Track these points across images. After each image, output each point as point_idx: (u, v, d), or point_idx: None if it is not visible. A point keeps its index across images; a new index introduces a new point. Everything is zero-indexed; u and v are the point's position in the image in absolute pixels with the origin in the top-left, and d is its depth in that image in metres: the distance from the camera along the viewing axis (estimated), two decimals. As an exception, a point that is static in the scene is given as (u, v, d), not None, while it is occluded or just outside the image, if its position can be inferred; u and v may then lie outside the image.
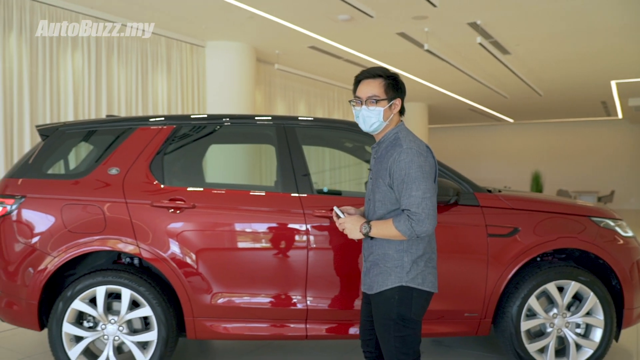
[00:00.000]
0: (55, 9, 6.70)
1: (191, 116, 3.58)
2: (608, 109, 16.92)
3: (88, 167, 3.34)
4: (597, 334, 3.37)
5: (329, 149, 8.34)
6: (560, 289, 3.37)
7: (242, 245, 3.23)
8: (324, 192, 3.51)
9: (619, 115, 18.07)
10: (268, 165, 7.26)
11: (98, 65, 7.32)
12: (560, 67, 10.88)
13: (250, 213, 3.24)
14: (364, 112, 2.30)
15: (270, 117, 3.55)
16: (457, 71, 10.49)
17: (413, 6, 7.04)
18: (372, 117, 2.29)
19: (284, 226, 3.23)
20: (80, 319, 3.17)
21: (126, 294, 3.12)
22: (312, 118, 3.65)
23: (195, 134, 3.52)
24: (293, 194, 3.25)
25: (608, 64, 10.54)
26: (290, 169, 3.31)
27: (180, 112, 8.55)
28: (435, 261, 2.35)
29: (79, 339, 3.13)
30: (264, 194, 3.40)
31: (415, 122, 16.29)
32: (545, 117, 19.54)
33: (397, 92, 2.31)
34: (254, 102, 9.49)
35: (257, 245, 3.24)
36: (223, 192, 3.38)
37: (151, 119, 3.47)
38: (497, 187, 4.26)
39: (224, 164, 6.44)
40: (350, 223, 2.30)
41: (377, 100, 2.27)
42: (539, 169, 17.22)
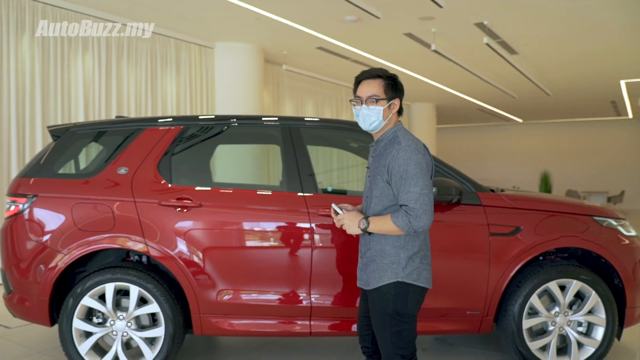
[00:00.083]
0: (60, 9, 6.76)
1: (198, 117, 3.64)
2: (618, 108, 16.82)
3: (98, 166, 3.43)
4: (599, 333, 3.40)
5: (334, 149, 8.41)
6: (562, 288, 3.40)
7: (247, 243, 3.29)
8: (328, 192, 3.55)
9: (629, 114, 17.95)
10: (275, 165, 7.33)
11: (108, 66, 7.43)
12: (569, 67, 10.85)
13: (255, 212, 3.30)
14: (364, 111, 2.36)
15: (275, 118, 3.62)
16: (465, 71, 10.50)
17: (419, 7, 7.07)
18: (372, 116, 2.35)
19: (289, 225, 3.28)
20: (89, 315, 3.26)
21: (134, 291, 3.19)
22: (318, 119, 3.71)
23: (202, 134, 3.59)
24: (298, 194, 3.31)
25: (617, 64, 10.49)
26: (295, 169, 3.37)
27: (189, 112, 8.63)
28: (429, 258, 2.40)
29: (88, 334, 3.21)
30: (269, 193, 3.46)
31: (424, 122, 16.26)
32: (554, 117, 19.45)
33: (396, 93, 2.38)
34: (262, 103, 9.52)
35: (262, 243, 3.30)
36: (229, 191, 3.44)
37: (159, 120, 3.55)
38: (505, 187, 4.29)
39: (230, 164, 6.51)
40: (348, 219, 2.36)
41: (377, 100, 2.34)
42: (548, 169, 17.14)
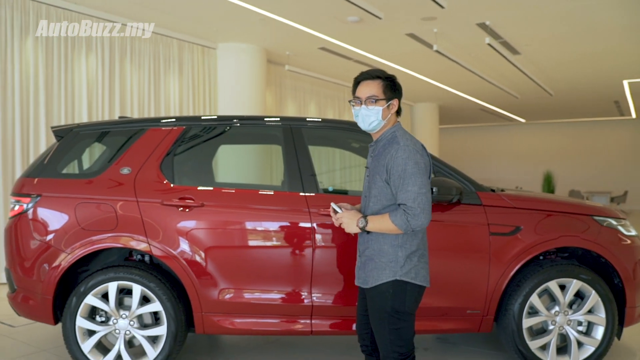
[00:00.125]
0: (63, 10, 6.81)
1: (200, 117, 3.67)
2: (621, 108, 16.79)
3: (101, 166, 3.46)
4: (599, 332, 3.41)
5: (335, 150, 8.42)
6: (562, 287, 3.41)
7: (248, 242, 3.32)
8: (329, 191, 3.58)
9: (633, 114, 17.91)
10: (277, 165, 7.35)
11: (111, 67, 7.47)
12: (571, 67, 10.85)
13: (257, 211, 3.32)
14: (363, 111, 2.39)
15: (277, 118, 3.64)
16: (467, 71, 10.51)
17: (421, 7, 7.09)
18: (371, 116, 2.37)
19: (290, 224, 3.31)
20: (92, 313, 3.29)
21: (137, 290, 3.22)
22: (320, 119, 3.73)
23: (204, 134, 3.61)
24: (299, 194, 3.33)
25: (619, 64, 10.48)
26: (296, 169, 3.39)
27: (191, 113, 8.66)
28: (427, 257, 2.42)
29: (91, 332, 3.24)
30: (270, 193, 3.49)
31: (426, 123, 16.25)
32: (558, 117, 19.43)
33: (394, 93, 2.41)
34: (265, 103, 9.55)
35: (264, 242, 3.32)
36: (230, 191, 3.46)
37: (162, 120, 3.58)
38: (508, 187, 4.30)
39: (232, 164, 6.54)
40: (347, 217, 2.38)
41: (376, 100, 2.37)
42: (551, 169, 17.12)
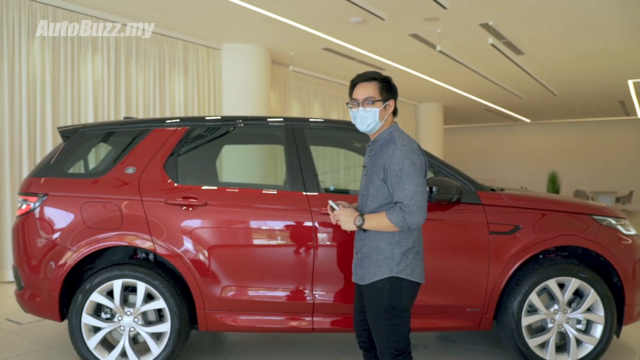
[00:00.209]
0: (69, 10, 6.90)
1: (204, 118, 3.72)
2: (627, 108, 16.75)
3: (106, 166, 3.52)
4: (598, 330, 3.44)
5: (337, 150, 8.46)
6: (562, 286, 3.44)
7: (251, 241, 3.37)
8: (330, 191, 3.62)
9: (638, 114, 17.84)
10: (280, 165, 7.40)
11: (117, 68, 7.55)
12: (575, 67, 10.84)
13: (259, 210, 3.37)
14: (360, 112, 2.44)
15: (279, 119, 3.69)
16: (471, 71, 10.54)
17: (424, 8, 7.12)
18: (369, 117, 2.42)
19: (292, 223, 3.36)
20: (98, 310, 3.35)
21: (141, 287, 3.28)
22: (322, 119, 3.78)
23: (207, 135, 3.67)
24: (301, 193, 3.38)
25: (623, 63, 10.47)
26: (298, 169, 3.44)
27: (196, 113, 8.72)
28: (422, 254, 2.47)
29: (96, 329, 3.30)
30: (272, 192, 3.54)
31: (431, 123, 16.25)
32: (563, 117, 19.39)
33: (390, 94, 2.46)
34: (269, 104, 9.60)
35: (266, 241, 3.37)
36: (233, 190, 3.51)
37: (166, 121, 3.64)
38: (513, 187, 4.33)
39: (235, 164, 6.59)
40: (344, 215, 2.43)
41: (373, 101, 2.41)
42: (556, 169, 17.08)
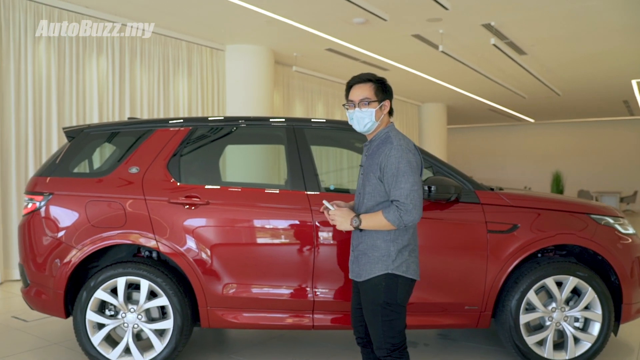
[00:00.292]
0: (74, 11, 6.95)
1: (206, 118, 3.78)
2: (631, 108, 16.71)
3: (111, 166, 3.58)
4: (596, 328, 3.47)
5: (337, 149, 8.50)
6: (559, 284, 3.48)
7: (252, 239, 3.42)
8: (331, 190, 3.67)
9: (643, 114, 17.83)
10: (282, 165, 7.45)
11: (122, 69, 7.62)
12: (578, 67, 10.84)
13: (260, 210, 3.43)
14: (357, 113, 2.48)
15: (280, 119, 3.74)
16: (474, 72, 10.55)
17: (426, 9, 7.15)
18: (365, 118, 2.47)
19: (293, 222, 3.41)
20: (102, 307, 3.41)
21: (145, 285, 3.34)
22: (324, 120, 3.83)
23: (209, 135, 3.72)
24: (302, 192, 3.43)
25: (626, 63, 10.46)
26: (299, 168, 3.49)
27: (200, 114, 8.78)
28: (417, 252, 2.51)
29: (101, 326, 3.36)
30: (273, 191, 3.59)
31: (434, 123, 16.25)
32: (567, 116, 19.36)
33: (385, 94, 2.51)
34: (273, 104, 9.64)
35: (267, 239, 3.43)
36: (235, 189, 3.57)
37: (169, 121, 3.70)
38: (517, 187, 4.36)
39: (238, 163, 6.65)
40: (339, 216, 2.47)
41: (369, 102, 2.46)
42: (560, 169, 17.07)
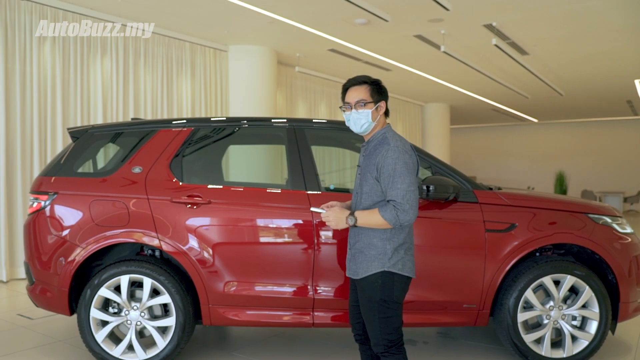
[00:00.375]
0: (75, 12, 7.00)
1: (208, 119, 3.83)
2: (634, 108, 16.68)
3: (114, 166, 3.64)
4: (593, 326, 3.50)
5: (338, 150, 8.55)
6: (557, 283, 3.51)
7: (253, 238, 3.47)
8: (330, 190, 3.71)
9: (646, 114, 17.80)
10: (283, 165, 7.50)
11: (125, 70, 7.68)
12: (580, 67, 10.84)
13: (260, 209, 3.48)
14: (353, 115, 2.53)
15: (281, 120, 3.78)
16: (477, 72, 10.57)
17: (427, 10, 7.18)
18: (362, 119, 2.51)
19: (293, 221, 3.45)
20: (106, 305, 3.47)
21: (147, 283, 3.39)
22: (325, 120, 3.87)
23: (211, 135, 3.78)
24: (302, 191, 3.48)
25: (629, 63, 10.46)
26: (299, 168, 3.54)
27: (203, 114, 8.85)
28: (413, 250, 2.55)
29: (104, 323, 3.42)
30: (274, 191, 3.64)
31: (437, 123, 16.27)
32: (570, 116, 19.34)
33: (381, 96, 2.55)
34: (276, 105, 9.69)
35: (268, 238, 3.47)
36: (236, 189, 3.61)
37: (172, 122, 3.75)
38: (521, 187, 4.40)
39: (239, 163, 6.71)
40: (333, 216, 2.51)
41: (365, 103, 2.51)
42: (563, 169, 17.06)
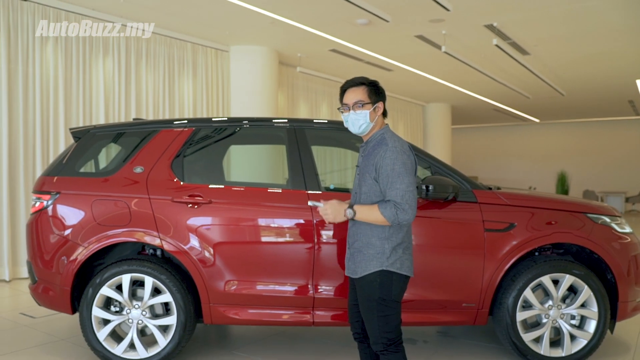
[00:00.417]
0: (78, 12, 7.03)
1: (209, 119, 3.85)
2: (636, 108, 16.66)
3: (116, 166, 3.67)
4: (592, 326, 3.52)
5: (338, 149, 8.57)
6: (556, 282, 3.53)
7: (253, 237, 3.50)
8: (330, 189, 3.74)
9: (648, 114, 17.78)
10: (284, 165, 7.52)
11: (127, 70, 7.71)
12: (581, 67, 10.83)
13: (261, 208, 3.50)
14: (352, 116, 2.55)
15: (281, 120, 3.81)
16: (478, 72, 10.58)
17: (428, 10, 7.20)
18: (360, 120, 2.53)
19: (293, 220, 3.48)
20: (107, 304, 3.50)
21: (149, 282, 3.42)
22: (326, 120, 3.89)
23: (212, 135, 3.81)
24: (302, 191, 3.50)
25: (630, 63, 10.44)
26: (299, 168, 3.57)
27: (205, 114, 8.87)
28: (411, 249, 2.57)
29: (106, 321, 3.45)
30: (274, 191, 3.66)
31: (439, 123, 16.27)
32: (572, 116, 19.33)
33: (379, 96, 2.58)
34: (277, 105, 9.70)
35: (268, 237, 3.50)
36: (236, 188, 3.64)
37: (173, 122, 3.78)
38: (522, 187, 4.42)
39: (240, 163, 6.73)
40: (331, 209, 2.53)
41: (363, 104, 2.53)
42: (565, 170, 17.05)
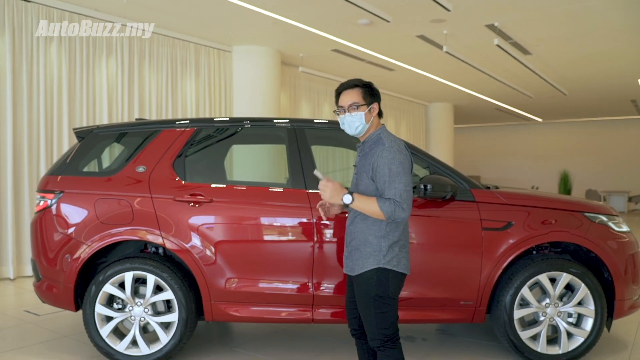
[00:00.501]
0: (79, 12, 7.10)
1: (211, 119, 3.90)
2: (639, 107, 16.66)
3: (119, 165, 3.73)
4: (588, 323, 3.55)
5: (339, 149, 8.62)
6: (553, 280, 3.57)
7: (254, 236, 3.54)
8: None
9: (651, 113, 17.76)
10: (284, 164, 7.56)
11: (130, 70, 7.78)
12: (583, 67, 10.86)
13: (261, 207, 3.55)
14: (347, 118, 2.59)
15: (282, 120, 3.85)
16: (480, 72, 10.60)
17: (429, 10, 7.24)
18: (356, 121, 2.57)
19: (293, 219, 3.52)
20: (110, 301, 3.55)
21: (151, 280, 3.47)
22: (327, 120, 3.93)
23: (213, 135, 3.86)
24: (302, 190, 3.54)
25: (632, 63, 10.46)
26: (299, 167, 3.61)
27: (207, 114, 8.93)
28: (408, 247, 2.61)
29: (109, 319, 3.50)
30: (275, 190, 3.71)
31: (441, 122, 16.29)
32: (574, 116, 19.33)
33: (373, 98, 2.61)
34: (279, 105, 9.76)
35: (268, 236, 3.54)
36: (237, 188, 3.69)
37: (175, 122, 3.83)
38: (525, 187, 4.45)
39: (241, 162, 6.78)
40: (331, 188, 2.50)
41: (358, 106, 2.57)
42: (568, 169, 17.04)
